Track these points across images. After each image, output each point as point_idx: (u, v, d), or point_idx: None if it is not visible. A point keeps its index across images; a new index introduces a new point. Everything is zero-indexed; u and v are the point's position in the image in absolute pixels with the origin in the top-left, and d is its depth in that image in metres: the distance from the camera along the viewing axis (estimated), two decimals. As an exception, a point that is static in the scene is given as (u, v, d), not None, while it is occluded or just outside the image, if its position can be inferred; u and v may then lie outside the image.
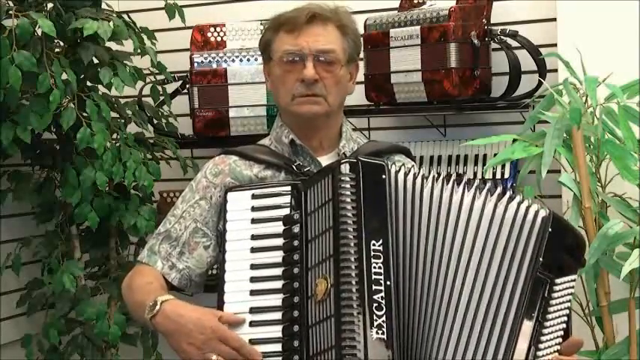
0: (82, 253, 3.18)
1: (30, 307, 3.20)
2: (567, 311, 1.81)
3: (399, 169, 1.83)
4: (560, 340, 1.80)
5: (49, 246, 3.14)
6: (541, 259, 1.77)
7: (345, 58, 2.04)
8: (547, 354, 1.77)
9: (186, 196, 2.08)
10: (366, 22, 3.00)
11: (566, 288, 1.81)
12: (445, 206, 1.80)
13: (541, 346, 1.76)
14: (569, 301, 1.82)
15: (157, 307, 1.84)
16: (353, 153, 2.06)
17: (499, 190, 1.82)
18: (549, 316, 1.77)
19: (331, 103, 2.03)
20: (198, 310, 1.83)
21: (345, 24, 2.05)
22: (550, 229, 1.79)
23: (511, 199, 1.81)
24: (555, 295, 1.78)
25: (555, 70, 2.82)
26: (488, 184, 1.87)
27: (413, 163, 2.16)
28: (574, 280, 1.83)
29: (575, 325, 2.67)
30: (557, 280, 1.79)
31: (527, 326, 1.74)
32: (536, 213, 1.80)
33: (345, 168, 1.80)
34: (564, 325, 1.81)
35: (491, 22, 2.94)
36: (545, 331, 1.77)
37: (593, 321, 2.60)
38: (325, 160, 2.06)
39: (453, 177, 1.83)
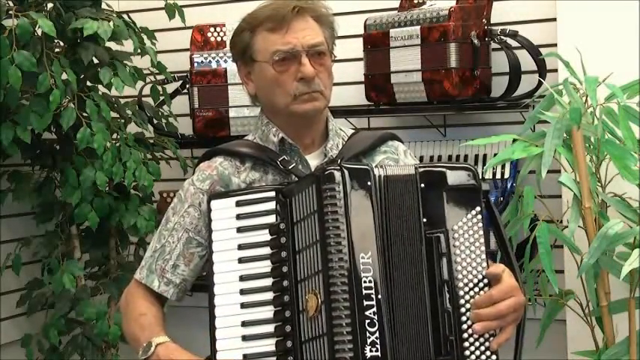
0: (82, 253, 3.19)
1: (30, 307, 3.20)
2: (483, 247, 1.77)
3: (384, 170, 1.80)
4: (485, 269, 1.77)
5: (49, 246, 3.14)
6: (424, 219, 1.77)
7: (329, 48, 2.00)
8: (473, 294, 1.75)
9: (176, 207, 2.02)
10: (366, 22, 3.00)
11: (471, 226, 1.78)
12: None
13: (462, 301, 1.74)
14: (483, 235, 1.78)
15: (151, 350, 1.84)
16: (339, 154, 2.00)
17: (382, 169, 1.81)
18: (459, 267, 1.75)
19: (327, 96, 1.98)
20: (190, 355, 1.83)
21: (321, 14, 1.99)
22: (422, 185, 1.78)
23: (386, 175, 1.79)
24: (459, 242, 1.76)
25: (555, 70, 2.82)
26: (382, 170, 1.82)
27: (401, 145, 2.12)
28: (479, 212, 1.78)
29: (575, 325, 2.68)
30: (455, 227, 1.77)
31: (436, 294, 1.74)
32: (403, 178, 1.79)
33: (329, 177, 1.75)
34: (486, 263, 1.77)
35: (492, 22, 2.94)
36: (461, 283, 1.75)
37: (593, 321, 2.60)
38: (312, 159, 2.01)
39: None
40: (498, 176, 2.89)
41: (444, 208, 1.78)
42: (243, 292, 1.82)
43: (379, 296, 1.69)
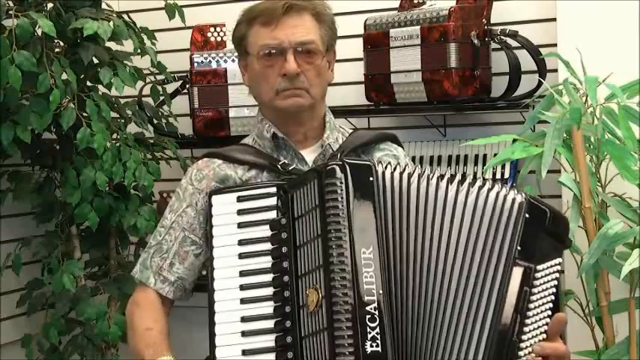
0: (82, 253, 3.18)
1: (30, 307, 3.19)
2: (553, 297, 1.79)
3: (386, 168, 1.80)
4: (547, 324, 1.78)
5: (49, 246, 3.14)
6: (519, 247, 1.76)
7: (324, 47, 1.99)
8: (532, 342, 1.76)
9: (174, 206, 2.04)
10: (366, 22, 3.00)
11: (551, 273, 1.79)
12: (431, 203, 1.78)
13: (524, 337, 1.74)
14: (556, 285, 1.80)
15: None
16: (339, 148, 2.01)
17: (480, 181, 1.81)
18: (532, 305, 1.76)
19: (314, 94, 1.98)
20: None
21: (319, 11, 1.99)
22: (527, 215, 1.78)
23: (489, 188, 1.80)
24: (538, 282, 1.77)
25: (555, 70, 2.82)
26: (478, 181, 1.82)
27: (400, 148, 2.13)
28: (559, 264, 1.81)
29: (575, 325, 2.68)
30: (539, 267, 1.78)
31: (507, 319, 1.73)
32: (513, 201, 1.79)
33: (331, 172, 1.76)
34: (550, 312, 1.78)
35: (492, 22, 2.94)
36: (528, 321, 1.75)
37: (593, 321, 2.60)
38: (309, 153, 2.02)
39: (438, 172, 1.82)
40: (498, 176, 2.89)
41: (536, 245, 1.79)
42: (243, 287, 1.82)
43: (380, 291, 1.69)
